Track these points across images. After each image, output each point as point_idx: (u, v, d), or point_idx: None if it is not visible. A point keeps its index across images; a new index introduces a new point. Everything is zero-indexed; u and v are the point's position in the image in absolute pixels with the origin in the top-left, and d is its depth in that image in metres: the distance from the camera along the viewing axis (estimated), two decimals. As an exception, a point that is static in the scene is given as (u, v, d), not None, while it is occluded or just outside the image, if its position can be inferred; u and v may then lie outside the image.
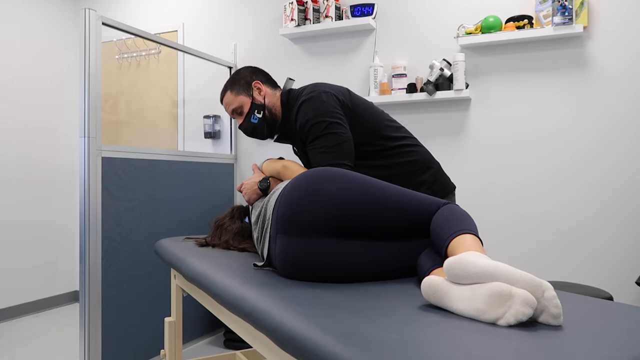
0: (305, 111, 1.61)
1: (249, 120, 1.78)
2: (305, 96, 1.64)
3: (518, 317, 0.84)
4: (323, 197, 1.23)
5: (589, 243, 2.42)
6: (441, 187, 1.77)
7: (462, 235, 1.10)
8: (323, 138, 1.58)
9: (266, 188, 1.68)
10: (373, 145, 1.68)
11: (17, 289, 3.56)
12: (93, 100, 2.19)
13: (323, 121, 1.59)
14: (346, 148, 1.59)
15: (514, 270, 0.89)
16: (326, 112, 1.59)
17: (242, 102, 1.77)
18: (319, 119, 1.59)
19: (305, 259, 1.24)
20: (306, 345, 0.82)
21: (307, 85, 1.73)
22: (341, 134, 1.59)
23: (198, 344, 2.90)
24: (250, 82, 1.77)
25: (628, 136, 2.37)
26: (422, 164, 1.73)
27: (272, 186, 1.69)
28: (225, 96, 1.81)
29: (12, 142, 3.55)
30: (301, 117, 1.63)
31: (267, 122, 1.78)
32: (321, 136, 1.58)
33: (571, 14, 2.36)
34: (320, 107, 1.60)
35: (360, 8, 2.88)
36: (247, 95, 1.77)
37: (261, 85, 1.78)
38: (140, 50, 3.71)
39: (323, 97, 1.61)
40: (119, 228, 2.36)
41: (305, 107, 1.62)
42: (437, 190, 1.73)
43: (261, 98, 1.77)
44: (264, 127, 1.78)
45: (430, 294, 0.98)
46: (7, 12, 3.54)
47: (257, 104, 1.76)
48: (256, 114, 1.76)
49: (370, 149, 1.68)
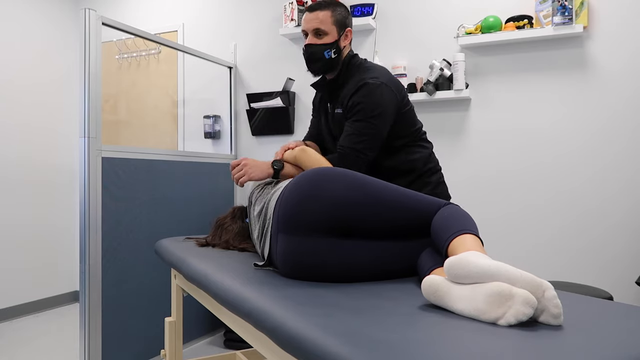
0: (363, 94, 1.67)
1: (322, 50, 1.75)
2: (370, 80, 1.68)
3: (518, 317, 0.84)
4: (324, 196, 1.23)
5: (589, 243, 2.42)
6: (442, 190, 1.87)
7: (463, 235, 1.10)
8: (364, 123, 1.67)
9: (279, 169, 1.70)
10: (400, 139, 1.78)
11: (17, 289, 3.56)
12: (93, 100, 2.19)
13: (373, 110, 1.67)
14: (377, 140, 1.69)
15: (515, 270, 0.89)
16: (379, 105, 1.67)
17: (330, 31, 1.74)
18: (371, 107, 1.67)
19: (306, 259, 1.24)
20: (307, 345, 0.82)
21: (373, 65, 1.79)
22: (380, 128, 1.69)
23: (198, 344, 2.90)
24: (347, 24, 1.79)
25: (628, 136, 2.37)
26: (433, 167, 1.85)
27: (287, 171, 1.70)
28: (322, 11, 1.73)
29: (12, 142, 3.55)
30: (358, 96, 1.68)
31: (330, 64, 1.77)
32: (364, 120, 1.67)
33: (571, 14, 2.36)
34: (378, 99, 1.67)
35: (360, 8, 2.88)
36: (338, 32, 1.76)
37: (350, 34, 1.80)
38: (140, 50, 3.71)
39: (385, 90, 1.68)
40: (119, 228, 2.36)
41: (365, 90, 1.67)
42: (439, 192, 1.82)
43: (343, 44, 1.79)
44: (326, 65, 1.77)
45: (430, 294, 0.98)
46: (7, 12, 3.54)
47: (338, 46, 1.77)
48: (332, 52, 1.76)
49: (396, 144, 1.78)
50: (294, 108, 3.16)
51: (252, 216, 1.64)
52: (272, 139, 3.24)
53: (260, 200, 1.59)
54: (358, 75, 1.74)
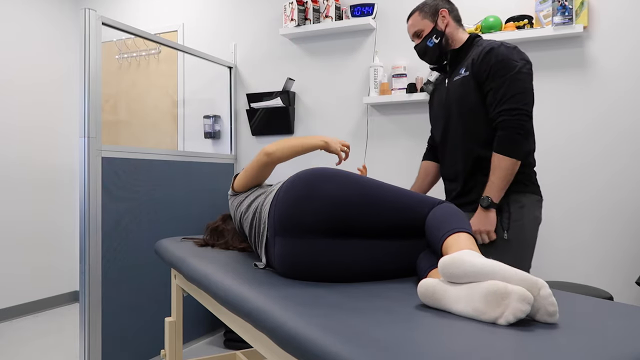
0: (511, 52, 1.68)
1: (425, 43, 1.86)
2: (511, 46, 1.71)
3: (516, 314, 0.84)
4: (320, 196, 1.23)
5: (589, 243, 2.42)
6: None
7: (456, 234, 1.10)
8: (528, 78, 1.68)
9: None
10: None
11: (17, 289, 3.56)
12: (93, 100, 2.19)
13: (527, 67, 1.69)
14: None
15: (509, 268, 0.90)
16: (522, 59, 1.70)
17: (425, 25, 1.86)
18: (524, 64, 1.68)
19: (305, 260, 1.24)
20: (306, 345, 0.82)
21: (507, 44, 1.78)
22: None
23: (198, 344, 2.90)
24: (439, 8, 1.85)
25: (628, 136, 2.36)
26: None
27: None
28: (412, 17, 1.89)
29: (12, 142, 3.55)
30: (503, 52, 1.68)
31: (440, 48, 1.85)
32: (527, 75, 1.67)
33: (571, 14, 2.36)
34: (518, 55, 1.69)
35: (360, 8, 2.88)
36: (432, 20, 1.85)
37: (447, 15, 1.84)
38: (140, 50, 3.71)
39: (528, 66, 1.70)
40: (119, 228, 2.36)
41: (510, 50, 1.69)
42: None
43: (443, 26, 1.84)
44: (436, 51, 1.86)
45: (427, 297, 0.98)
46: (7, 12, 3.54)
47: (438, 30, 1.84)
48: (434, 38, 1.84)
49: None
50: (294, 108, 3.16)
51: (243, 221, 1.61)
52: (272, 139, 3.23)
53: (254, 202, 1.57)
54: (489, 44, 1.74)
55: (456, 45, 1.85)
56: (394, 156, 2.88)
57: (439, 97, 1.94)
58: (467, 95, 1.75)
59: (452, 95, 1.81)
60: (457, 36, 1.86)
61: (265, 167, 1.62)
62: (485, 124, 1.72)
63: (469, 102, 1.75)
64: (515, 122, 1.62)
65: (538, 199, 1.76)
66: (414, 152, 2.82)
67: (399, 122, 2.86)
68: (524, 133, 1.62)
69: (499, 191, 1.64)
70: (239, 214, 1.64)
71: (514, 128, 1.62)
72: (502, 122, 1.64)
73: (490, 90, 1.68)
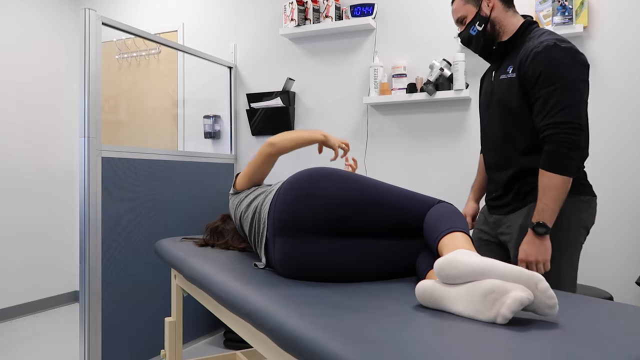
0: (565, 55, 1.50)
1: (468, 31, 1.69)
2: (567, 46, 1.51)
3: (512, 308, 0.84)
4: (319, 196, 1.23)
5: (589, 243, 2.42)
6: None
7: (452, 234, 1.10)
8: (583, 86, 1.52)
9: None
10: None
11: (17, 289, 3.56)
12: (93, 100, 2.19)
13: (582, 73, 1.52)
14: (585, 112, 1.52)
15: (505, 265, 0.90)
16: (581, 62, 1.53)
17: (468, 11, 1.68)
18: (579, 69, 1.51)
19: (305, 261, 1.24)
20: (306, 345, 0.82)
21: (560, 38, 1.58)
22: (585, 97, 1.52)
23: (198, 344, 2.90)
24: None
25: (629, 136, 2.37)
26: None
27: None
28: (455, 2, 1.72)
29: (12, 142, 3.55)
30: (556, 56, 1.49)
31: (485, 37, 1.67)
32: (581, 83, 1.51)
33: (571, 14, 2.36)
34: (579, 66, 1.53)
35: (360, 8, 2.88)
36: (475, 5, 1.66)
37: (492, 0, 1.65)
38: (140, 50, 3.71)
39: (584, 72, 1.54)
40: (119, 228, 2.36)
41: (565, 52, 1.50)
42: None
43: (488, 11, 1.65)
44: (480, 40, 1.68)
45: (426, 300, 0.98)
46: (7, 12, 3.54)
47: (482, 16, 1.65)
48: (477, 25, 1.66)
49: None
50: (294, 108, 3.16)
51: (243, 220, 1.62)
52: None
53: (252, 202, 1.57)
54: (545, 35, 1.55)
55: (506, 34, 1.66)
56: (394, 156, 2.88)
57: (485, 91, 1.78)
58: (511, 99, 1.59)
59: (496, 95, 1.67)
60: (507, 21, 1.66)
61: (268, 158, 1.62)
62: (529, 132, 1.57)
63: (513, 107, 1.59)
64: (567, 136, 1.45)
65: (586, 200, 1.60)
66: (414, 152, 2.82)
67: (399, 122, 2.86)
68: (574, 147, 1.46)
69: (552, 214, 1.47)
70: (238, 213, 1.64)
71: (564, 142, 1.45)
72: (551, 135, 1.47)
73: (539, 99, 1.51)
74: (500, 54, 1.70)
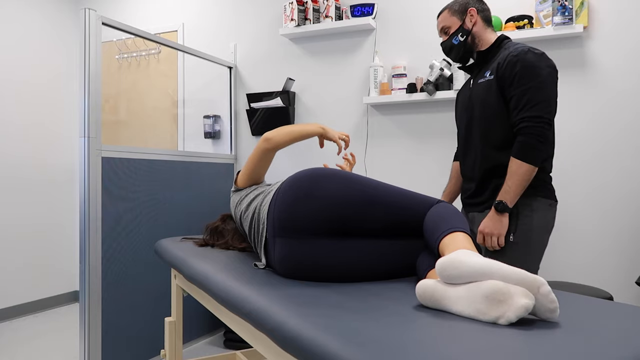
0: (538, 59, 1.68)
1: (450, 40, 1.87)
2: (538, 52, 1.70)
3: (518, 313, 0.84)
4: (318, 196, 1.23)
5: (589, 243, 2.42)
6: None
7: (453, 234, 1.10)
8: (554, 87, 1.69)
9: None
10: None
11: (17, 289, 3.56)
12: (93, 100, 2.19)
13: (552, 75, 1.69)
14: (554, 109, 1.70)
15: (507, 267, 0.89)
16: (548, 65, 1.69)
17: (452, 23, 1.87)
18: (549, 71, 1.68)
19: (305, 261, 1.24)
20: (307, 345, 0.82)
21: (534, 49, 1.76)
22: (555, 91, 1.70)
23: (198, 344, 2.90)
24: (468, 7, 1.85)
25: (629, 136, 2.37)
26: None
27: None
28: (442, 14, 1.90)
29: (12, 141, 3.55)
30: (530, 59, 1.67)
31: (465, 47, 1.86)
32: (552, 84, 1.68)
33: (571, 14, 2.36)
34: (549, 68, 1.69)
35: (360, 8, 2.88)
36: (459, 18, 1.85)
37: (475, 14, 1.85)
38: (140, 50, 3.71)
39: (553, 74, 1.70)
40: (119, 228, 2.36)
41: (537, 56, 1.68)
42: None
43: (470, 25, 1.84)
44: (461, 50, 1.87)
45: (426, 299, 0.98)
46: (7, 12, 3.54)
47: (464, 29, 1.84)
48: (459, 36, 1.85)
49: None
50: (294, 108, 3.16)
51: (242, 220, 1.62)
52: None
53: (252, 202, 1.57)
54: (516, 48, 1.73)
55: (483, 46, 1.86)
56: (394, 156, 2.88)
57: (463, 98, 1.95)
58: (490, 99, 1.75)
59: (476, 98, 1.82)
60: (485, 36, 1.86)
61: (265, 154, 1.62)
62: (504, 129, 1.73)
63: (491, 106, 1.75)
64: (537, 129, 1.63)
65: (550, 203, 1.76)
66: (414, 152, 2.82)
67: (399, 122, 2.86)
68: (544, 140, 1.64)
69: (514, 196, 1.65)
70: (238, 212, 1.64)
71: (534, 135, 1.63)
72: (524, 128, 1.64)
73: (514, 96, 1.68)
74: (478, 62, 1.89)
